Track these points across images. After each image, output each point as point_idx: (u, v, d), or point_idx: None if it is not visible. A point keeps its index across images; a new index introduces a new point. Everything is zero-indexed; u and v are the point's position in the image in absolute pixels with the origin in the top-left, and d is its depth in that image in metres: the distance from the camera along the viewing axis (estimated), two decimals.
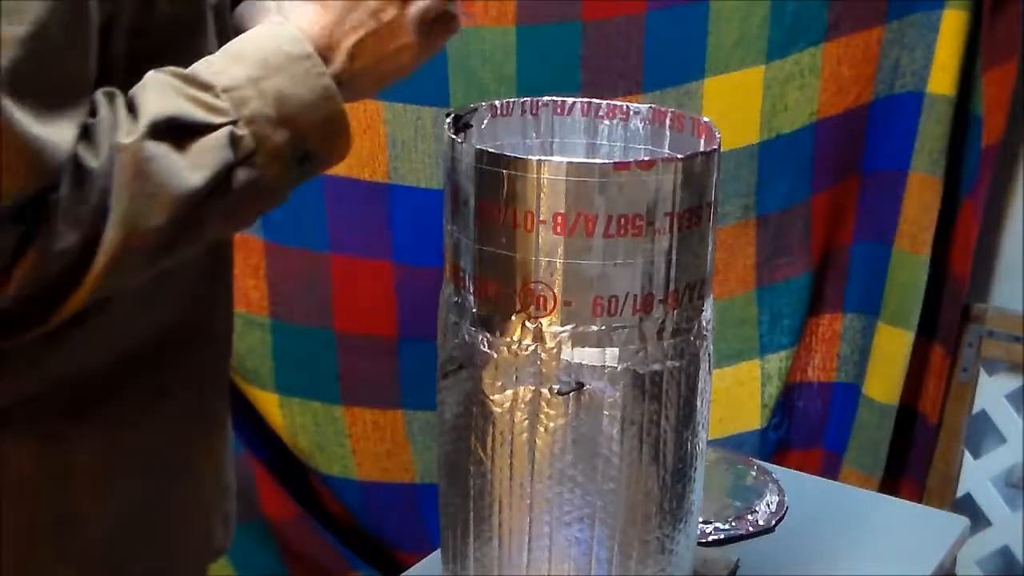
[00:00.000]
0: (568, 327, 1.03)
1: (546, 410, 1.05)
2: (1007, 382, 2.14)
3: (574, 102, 1.22)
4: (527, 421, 1.05)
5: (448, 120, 1.10)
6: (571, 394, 1.04)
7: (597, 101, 1.22)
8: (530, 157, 1.02)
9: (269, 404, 2.02)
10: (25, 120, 0.70)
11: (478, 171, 1.03)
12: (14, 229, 0.73)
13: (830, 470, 2.15)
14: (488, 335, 1.05)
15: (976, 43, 1.97)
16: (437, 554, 1.24)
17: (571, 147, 1.22)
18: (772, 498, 1.53)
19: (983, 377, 2.15)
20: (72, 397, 0.89)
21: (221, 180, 0.81)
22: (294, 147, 0.85)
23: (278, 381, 2.02)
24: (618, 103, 1.22)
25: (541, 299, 1.02)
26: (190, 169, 0.79)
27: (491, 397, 1.06)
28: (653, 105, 1.21)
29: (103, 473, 0.93)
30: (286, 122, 0.83)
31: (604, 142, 1.23)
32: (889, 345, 2.07)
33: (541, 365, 1.04)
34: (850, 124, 2.04)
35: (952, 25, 1.95)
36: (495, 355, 1.05)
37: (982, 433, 2.18)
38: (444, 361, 1.11)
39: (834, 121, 2.03)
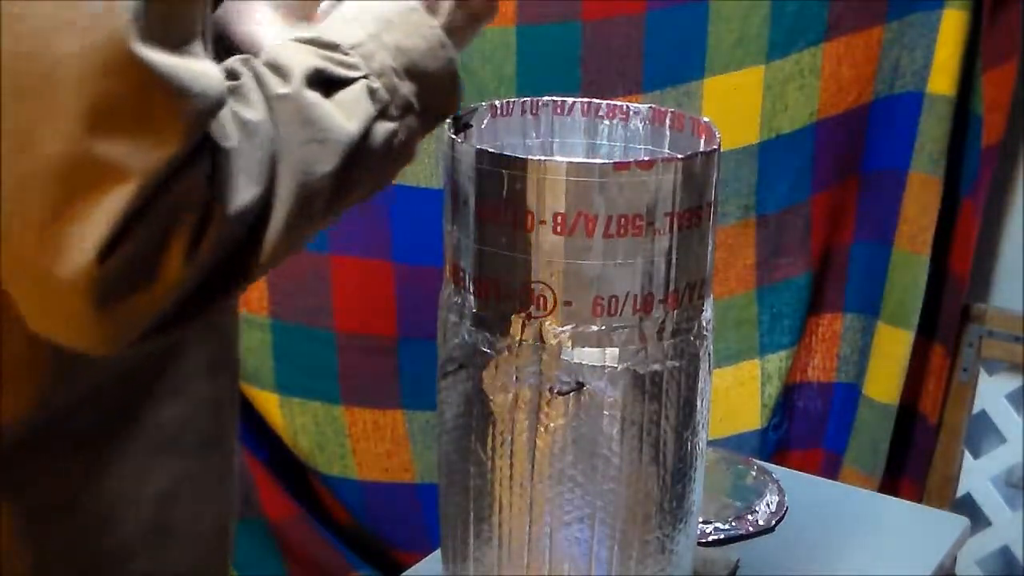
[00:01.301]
0: (568, 327, 1.03)
1: (546, 410, 1.05)
2: (1007, 382, 2.13)
3: (574, 102, 1.22)
4: (527, 421, 1.05)
5: (448, 120, 1.10)
6: (571, 394, 1.04)
7: (597, 101, 1.23)
8: (530, 157, 1.02)
9: (269, 404, 2.02)
10: (170, 55, 0.69)
11: (478, 171, 1.03)
12: (202, 164, 0.71)
13: (830, 470, 2.14)
14: (488, 335, 1.05)
15: (976, 43, 1.97)
16: (437, 554, 1.24)
17: (571, 147, 1.22)
18: (772, 498, 1.53)
19: (983, 377, 2.15)
20: (99, 406, 0.88)
21: (368, 132, 0.82)
22: (419, 98, 0.86)
23: (278, 381, 2.01)
24: (618, 103, 1.22)
25: (541, 299, 1.02)
26: (344, 118, 0.81)
27: (491, 397, 1.06)
28: (653, 105, 1.21)
29: (129, 476, 0.91)
30: (410, 73, 0.85)
31: (604, 142, 1.23)
32: (889, 345, 2.07)
33: (541, 365, 1.04)
34: (850, 124, 2.04)
35: (952, 25, 1.95)
36: (495, 355, 1.05)
37: (982, 433, 2.18)
38: (444, 361, 1.11)
39: (834, 121, 2.03)
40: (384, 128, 0.84)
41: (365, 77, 0.83)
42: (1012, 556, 2.15)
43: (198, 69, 0.70)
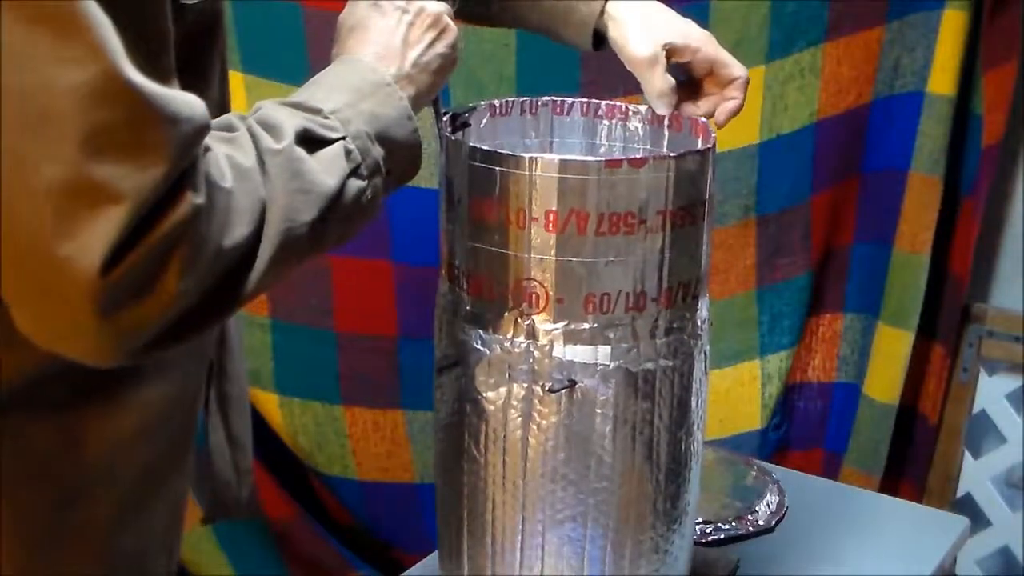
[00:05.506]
0: (560, 324, 1.03)
1: (539, 408, 1.05)
2: (1007, 382, 2.13)
3: (573, 102, 1.22)
4: (520, 419, 1.05)
5: (445, 118, 1.10)
6: (563, 392, 1.04)
7: (596, 101, 1.23)
8: (522, 154, 1.02)
9: (269, 404, 2.02)
10: (157, 84, 0.75)
11: (471, 168, 1.03)
12: (196, 191, 0.77)
13: (830, 470, 2.14)
14: (481, 332, 1.05)
15: (976, 43, 1.97)
16: (436, 554, 1.24)
17: (570, 147, 1.23)
18: (772, 498, 1.53)
19: (983, 377, 2.14)
20: (77, 374, 0.90)
21: (343, 187, 0.90)
22: (386, 161, 0.94)
23: (278, 381, 2.02)
24: (617, 103, 1.22)
25: (533, 296, 1.02)
26: (325, 173, 0.89)
27: (484, 395, 1.06)
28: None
29: (107, 449, 0.95)
30: (380, 138, 0.94)
31: (603, 142, 1.23)
32: (889, 345, 2.07)
33: (534, 363, 1.04)
34: (850, 124, 2.04)
35: (952, 25, 1.95)
36: (488, 352, 1.05)
37: (982, 433, 2.17)
38: (439, 358, 1.11)
39: (834, 121, 2.03)
40: (355, 185, 0.91)
41: (343, 139, 0.91)
42: (1012, 556, 2.15)
43: (183, 98, 0.77)
